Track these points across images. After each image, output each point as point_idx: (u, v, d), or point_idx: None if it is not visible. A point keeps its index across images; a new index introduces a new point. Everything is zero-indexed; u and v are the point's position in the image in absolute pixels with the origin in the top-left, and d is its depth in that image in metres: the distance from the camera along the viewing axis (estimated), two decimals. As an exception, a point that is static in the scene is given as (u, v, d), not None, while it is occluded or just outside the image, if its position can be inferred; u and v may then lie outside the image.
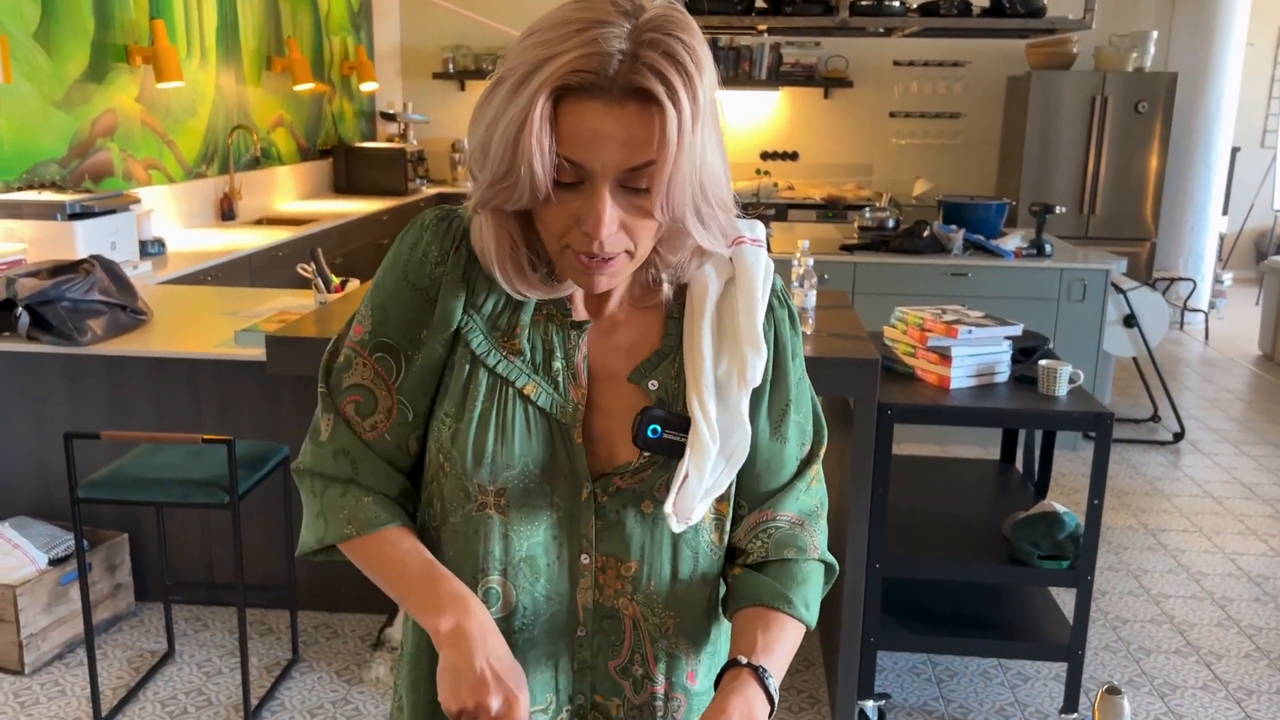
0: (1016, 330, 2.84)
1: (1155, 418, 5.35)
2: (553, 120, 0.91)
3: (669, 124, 0.90)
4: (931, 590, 2.99)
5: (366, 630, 3.20)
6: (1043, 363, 2.75)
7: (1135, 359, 5.17)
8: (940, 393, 2.75)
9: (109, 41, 4.37)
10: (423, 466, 1.11)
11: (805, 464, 1.14)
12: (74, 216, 3.65)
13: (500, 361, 1.04)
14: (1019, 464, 3.43)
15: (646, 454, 1.04)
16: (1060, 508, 2.75)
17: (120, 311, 3.06)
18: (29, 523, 3.11)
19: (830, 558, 1.15)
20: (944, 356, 2.78)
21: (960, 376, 2.78)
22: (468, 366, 1.05)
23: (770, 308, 1.09)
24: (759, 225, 1.11)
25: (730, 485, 1.09)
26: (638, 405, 1.05)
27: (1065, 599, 3.25)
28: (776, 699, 1.02)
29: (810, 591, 1.11)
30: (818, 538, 1.14)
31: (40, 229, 3.62)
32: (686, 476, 1.02)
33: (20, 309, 2.88)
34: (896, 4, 4.57)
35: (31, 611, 2.89)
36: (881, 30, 4.83)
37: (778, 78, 7.28)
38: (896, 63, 7.30)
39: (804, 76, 7.30)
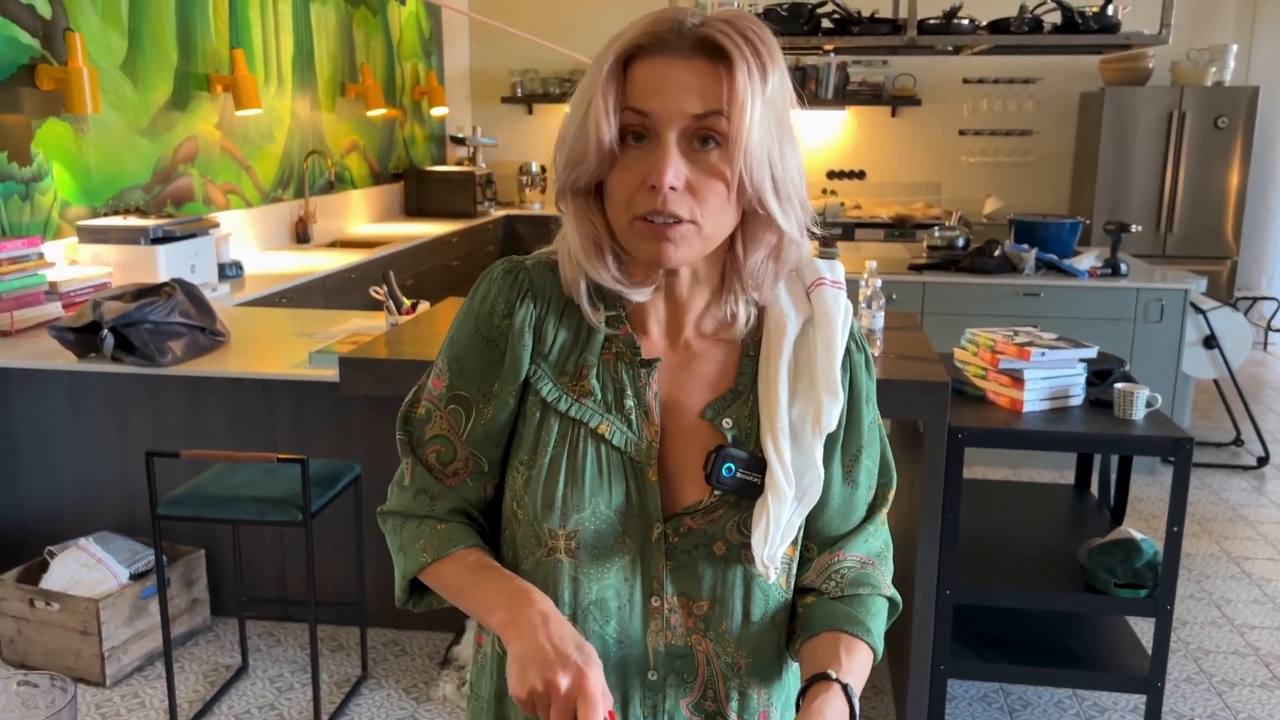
0: (1091, 352, 2.78)
1: (1238, 441, 5.19)
2: (620, 79, 0.96)
3: (738, 77, 0.94)
4: (1004, 618, 2.93)
5: (434, 648, 3.23)
6: (1119, 386, 2.69)
7: (1216, 381, 5.03)
8: (1012, 416, 2.70)
9: (191, 71, 4.52)
10: (500, 518, 1.12)
11: (874, 508, 1.14)
12: (156, 241, 3.77)
13: (572, 405, 1.05)
14: (1095, 489, 3.35)
15: (717, 493, 1.04)
16: (1138, 534, 2.68)
17: (200, 333, 3.15)
18: (111, 538, 3.20)
19: (896, 595, 1.14)
20: (1016, 379, 2.73)
21: (1033, 400, 2.72)
22: (539, 414, 1.06)
23: (848, 351, 1.08)
24: (839, 266, 1.10)
25: (799, 529, 1.09)
26: (709, 443, 1.05)
27: (1144, 629, 3.16)
28: (860, 718, 1.01)
29: (880, 625, 1.11)
30: (886, 576, 1.14)
31: (125, 253, 3.75)
32: (769, 522, 1.02)
33: (106, 331, 2.98)
34: (965, 22, 4.51)
35: (113, 625, 2.98)
36: (950, 49, 4.78)
37: (844, 96, 7.24)
38: (966, 80, 7.22)
39: (871, 95, 7.25)
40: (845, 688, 1.00)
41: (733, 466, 1.02)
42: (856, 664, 1.04)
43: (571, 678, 0.91)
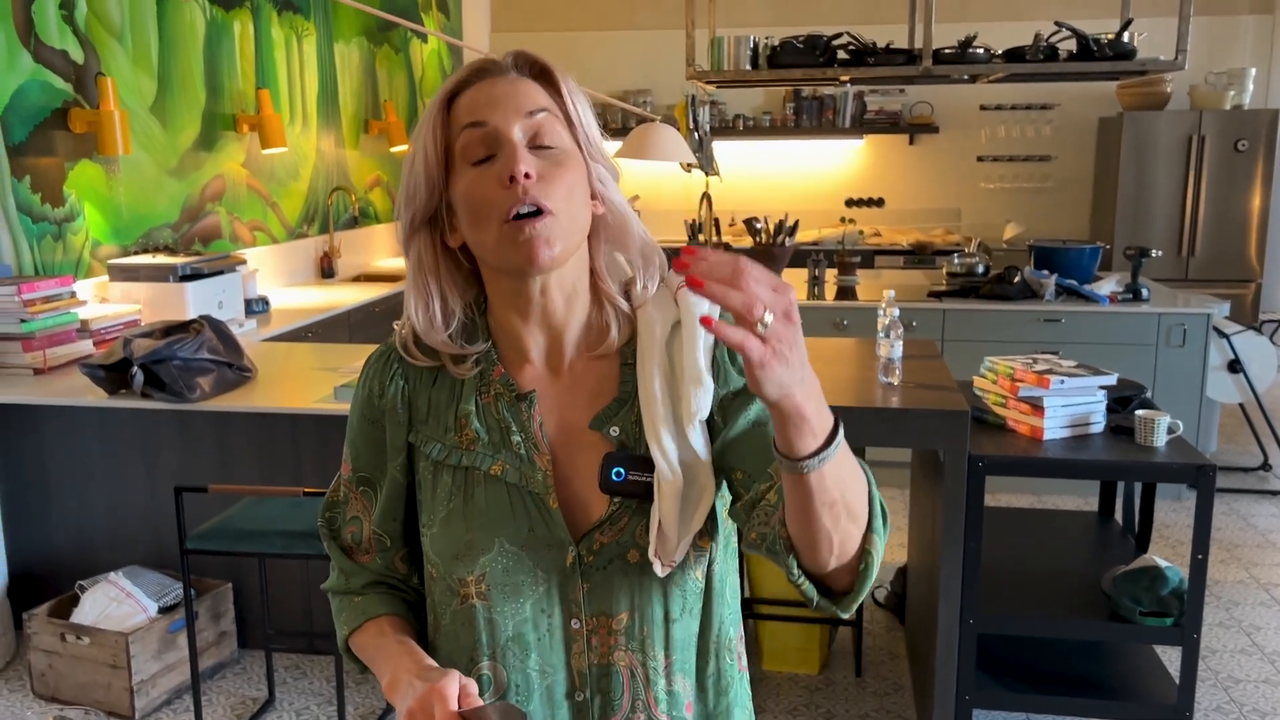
0: (1111, 380, 2.78)
1: (1265, 466, 5.14)
2: (446, 113, 1.06)
3: (559, 81, 1.07)
4: (1029, 647, 2.92)
5: (459, 680, 3.24)
6: (1140, 412, 2.69)
7: (1242, 405, 4.99)
8: (1033, 444, 2.70)
9: (218, 111, 4.61)
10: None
11: None
12: (185, 278, 3.84)
13: (461, 455, 1.09)
14: (1119, 516, 3.33)
15: (616, 500, 1.06)
16: (1163, 562, 2.67)
17: (227, 369, 3.20)
18: (140, 572, 3.25)
19: (881, 499, 1.00)
20: (1036, 407, 2.73)
21: (1054, 427, 2.73)
22: (431, 474, 1.11)
23: (717, 342, 1.08)
24: None
25: (711, 519, 1.08)
26: None
27: (1171, 657, 3.13)
28: (838, 438, 0.88)
29: (872, 485, 0.98)
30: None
31: (154, 290, 3.81)
32: (658, 517, 1.03)
33: (136, 368, 3.03)
34: (981, 51, 4.54)
35: (142, 658, 3.01)
36: (966, 77, 4.82)
37: (862, 125, 7.28)
38: (983, 107, 7.24)
39: (889, 123, 7.29)
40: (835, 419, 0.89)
41: (621, 470, 1.04)
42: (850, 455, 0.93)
43: (421, 693, 0.94)
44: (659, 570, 1.05)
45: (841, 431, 0.89)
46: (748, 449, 1.06)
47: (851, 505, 0.92)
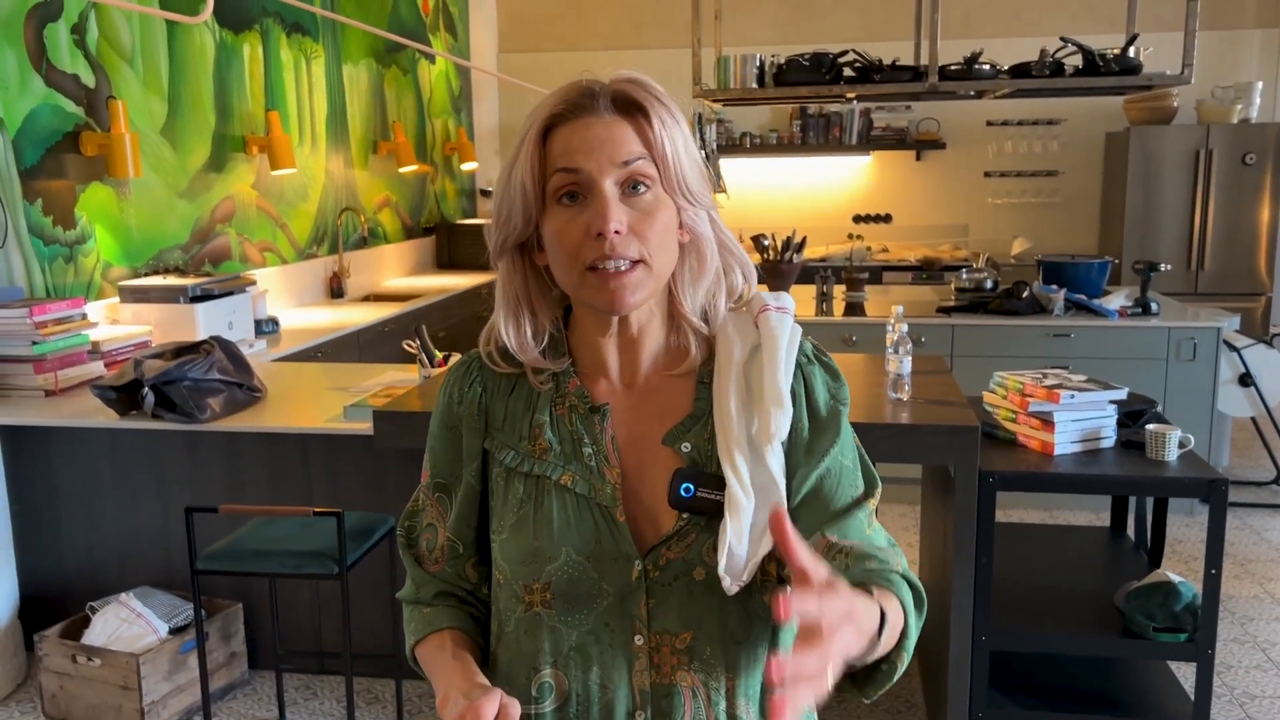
0: (1121, 394, 2.77)
1: (1279, 480, 5.11)
2: (541, 147, 1.05)
3: (655, 123, 1.05)
4: (1042, 664, 2.90)
5: (469, 700, 3.23)
6: (1150, 427, 2.68)
7: (1254, 419, 4.97)
8: (1044, 459, 2.69)
9: (228, 133, 4.65)
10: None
11: (861, 501, 1.12)
12: (195, 299, 3.86)
13: (534, 464, 1.11)
14: (1131, 531, 3.31)
15: (685, 516, 1.06)
16: (1176, 577, 2.65)
17: (237, 389, 3.21)
18: (151, 592, 3.25)
19: (918, 582, 1.06)
20: (1046, 422, 2.73)
21: (1064, 442, 2.72)
22: (504, 481, 1.13)
23: (799, 365, 1.12)
24: (786, 296, 1.15)
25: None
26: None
27: (1186, 673, 3.11)
28: (879, 643, 0.94)
29: (908, 599, 1.03)
30: (901, 561, 1.09)
31: (165, 311, 3.84)
32: (729, 535, 1.04)
33: (146, 389, 3.05)
34: (987, 67, 4.55)
35: (153, 679, 3.01)
36: (972, 93, 4.82)
37: (868, 142, 7.29)
38: (990, 122, 7.25)
39: (895, 140, 7.30)
40: (880, 607, 0.94)
41: (690, 486, 1.05)
42: (890, 608, 0.98)
43: (460, 710, 0.96)
44: (728, 587, 1.05)
45: (884, 627, 0.94)
46: (802, 510, 1.10)
47: (888, 644, 0.97)
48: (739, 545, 1.04)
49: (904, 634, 1.01)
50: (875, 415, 2.64)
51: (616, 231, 1.01)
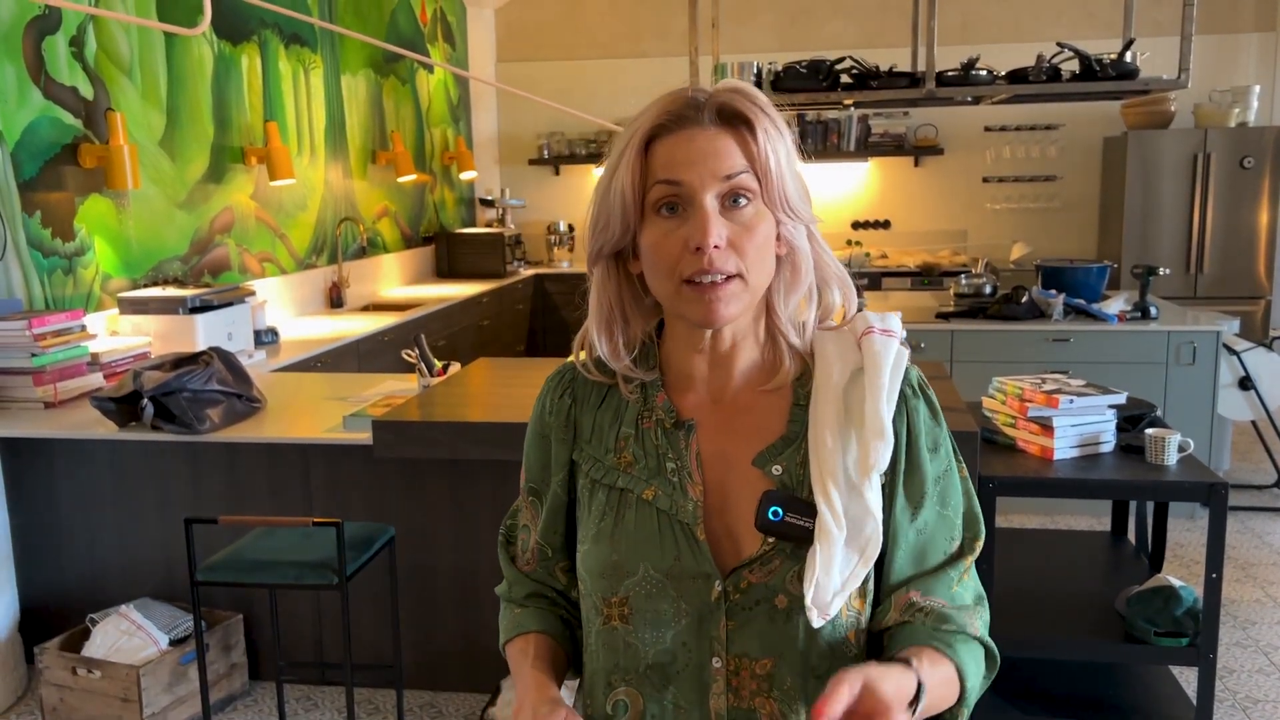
0: (1120, 399, 2.78)
1: (1279, 484, 5.10)
2: (643, 157, 1.03)
3: (760, 136, 1.02)
4: (1043, 669, 2.89)
5: (470, 709, 3.23)
6: (1150, 431, 2.67)
7: (1254, 422, 4.96)
8: (1043, 464, 2.69)
9: (227, 145, 4.66)
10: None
11: (956, 556, 1.10)
12: (194, 310, 3.86)
13: (619, 476, 1.10)
14: (1131, 535, 3.31)
15: (770, 541, 1.03)
16: (1176, 582, 2.65)
17: (237, 400, 3.21)
18: (151, 604, 3.25)
19: (991, 643, 1.07)
20: (1046, 427, 2.73)
21: (1063, 447, 2.72)
22: (589, 492, 1.12)
23: (903, 396, 1.08)
24: (892, 318, 1.11)
25: (868, 581, 1.06)
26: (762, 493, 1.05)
27: (1188, 678, 3.10)
28: (916, 711, 0.96)
29: (971, 662, 1.04)
30: (978, 621, 1.08)
31: (164, 323, 3.84)
32: (816, 566, 1.00)
33: (146, 400, 3.05)
34: (984, 72, 4.56)
35: (153, 691, 3.01)
36: (970, 99, 4.83)
37: (866, 148, 7.30)
38: (988, 128, 7.26)
39: (893, 146, 7.31)
40: (917, 677, 0.95)
41: (779, 510, 1.01)
42: (937, 674, 0.99)
43: None
44: (814, 620, 1.01)
45: (921, 696, 0.96)
46: (894, 556, 1.08)
47: (931, 710, 0.99)
48: (826, 577, 1.00)
49: (962, 694, 1.02)
50: (874, 421, 2.63)
51: (716, 247, 1.00)
